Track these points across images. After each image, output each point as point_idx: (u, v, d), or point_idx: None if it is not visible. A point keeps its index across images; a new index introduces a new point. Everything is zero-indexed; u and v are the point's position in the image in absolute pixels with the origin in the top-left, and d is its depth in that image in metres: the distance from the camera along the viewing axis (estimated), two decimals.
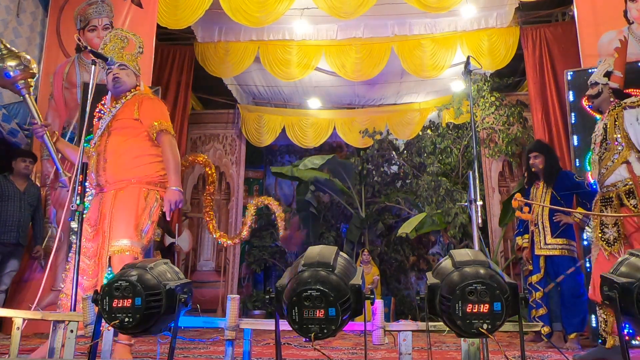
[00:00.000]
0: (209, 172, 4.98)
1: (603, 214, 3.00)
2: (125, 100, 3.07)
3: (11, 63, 2.96)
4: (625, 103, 3.02)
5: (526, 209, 4.23)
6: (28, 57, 3.06)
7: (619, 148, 2.93)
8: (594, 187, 4.28)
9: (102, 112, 3.12)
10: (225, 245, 6.00)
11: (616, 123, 2.96)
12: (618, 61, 3.28)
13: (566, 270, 4.09)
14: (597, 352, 3.13)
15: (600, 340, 3.14)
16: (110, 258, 2.86)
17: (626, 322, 1.66)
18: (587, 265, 4.22)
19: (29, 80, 3.03)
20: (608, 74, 3.21)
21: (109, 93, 3.15)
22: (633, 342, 3.70)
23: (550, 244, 4.14)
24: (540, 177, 4.27)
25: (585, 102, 3.48)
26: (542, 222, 4.15)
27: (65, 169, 3.21)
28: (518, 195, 3.97)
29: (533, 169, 4.31)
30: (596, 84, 3.22)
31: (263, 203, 5.49)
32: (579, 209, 4.02)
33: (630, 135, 2.91)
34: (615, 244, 2.91)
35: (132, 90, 3.13)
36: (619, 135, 2.93)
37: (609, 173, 2.97)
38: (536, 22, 6.83)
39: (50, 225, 5.04)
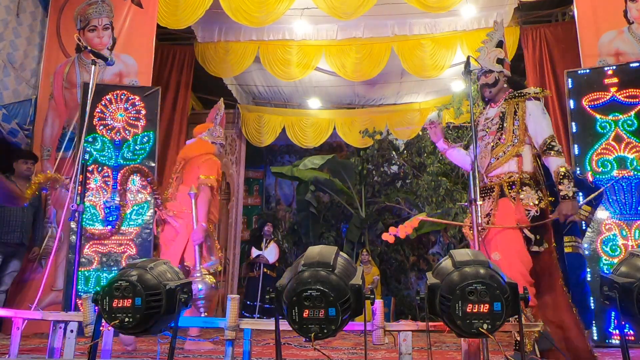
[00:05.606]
0: None
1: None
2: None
3: None
4: (529, 94, 2.79)
5: None
6: None
7: (514, 141, 2.75)
8: (596, 184, 4.30)
9: None
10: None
11: (516, 115, 2.76)
12: (505, 47, 3.03)
13: (572, 267, 4.09)
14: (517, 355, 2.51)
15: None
16: None
17: (626, 322, 1.66)
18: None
19: None
20: (501, 61, 2.91)
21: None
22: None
23: None
24: None
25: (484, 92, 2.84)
26: None
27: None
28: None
29: None
30: (490, 71, 2.88)
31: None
32: (585, 207, 4.02)
33: (529, 127, 2.73)
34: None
35: None
36: (516, 128, 2.75)
37: (498, 164, 2.78)
38: (536, 22, 6.83)
39: (51, 225, 5.04)
